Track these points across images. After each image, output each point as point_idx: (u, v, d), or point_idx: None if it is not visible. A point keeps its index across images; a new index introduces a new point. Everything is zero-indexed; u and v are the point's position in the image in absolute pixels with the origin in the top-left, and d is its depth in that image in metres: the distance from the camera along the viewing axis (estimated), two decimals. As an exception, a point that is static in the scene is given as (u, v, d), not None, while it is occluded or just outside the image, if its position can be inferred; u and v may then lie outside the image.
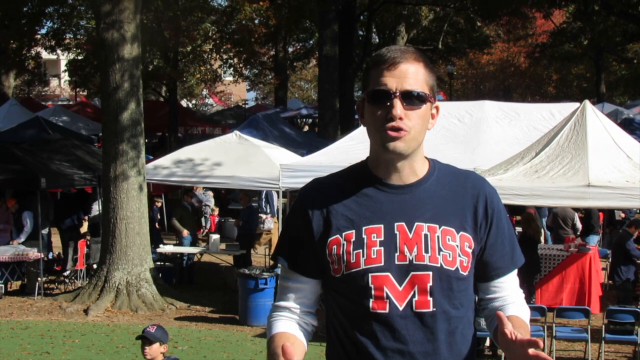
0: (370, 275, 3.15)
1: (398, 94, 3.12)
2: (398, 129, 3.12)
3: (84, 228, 21.84)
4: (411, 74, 3.16)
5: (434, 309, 3.16)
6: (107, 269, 17.90)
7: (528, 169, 14.34)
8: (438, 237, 3.18)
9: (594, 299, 16.74)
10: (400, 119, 3.11)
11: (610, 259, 18.65)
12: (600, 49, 48.45)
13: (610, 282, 18.52)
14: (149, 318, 16.91)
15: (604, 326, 13.89)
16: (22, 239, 19.36)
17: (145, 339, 8.49)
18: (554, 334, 13.82)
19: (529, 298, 16.26)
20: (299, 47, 58.60)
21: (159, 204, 25.12)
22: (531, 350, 2.90)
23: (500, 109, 19.84)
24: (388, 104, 3.13)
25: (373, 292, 3.15)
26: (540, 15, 49.17)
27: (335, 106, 31.85)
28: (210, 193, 26.83)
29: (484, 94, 57.30)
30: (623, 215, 23.11)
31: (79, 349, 14.54)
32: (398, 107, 3.11)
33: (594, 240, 20.54)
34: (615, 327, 13.97)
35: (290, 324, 3.29)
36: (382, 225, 3.19)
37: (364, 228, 3.19)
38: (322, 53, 32.64)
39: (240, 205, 24.13)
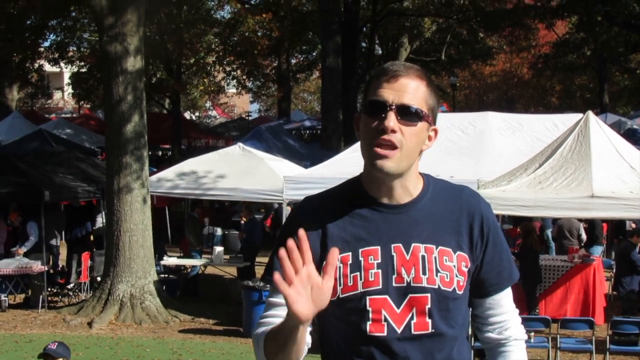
0: (368, 298, 3.11)
1: (394, 106, 3.05)
2: (388, 145, 3.05)
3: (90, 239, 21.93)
4: (411, 89, 3.08)
5: (433, 330, 3.12)
6: (111, 282, 17.90)
7: (532, 180, 14.34)
8: (435, 257, 3.13)
9: (598, 310, 16.75)
10: (393, 131, 3.04)
11: (614, 270, 18.64)
12: (603, 60, 48.42)
13: (614, 293, 18.52)
14: (153, 330, 16.95)
15: (608, 337, 13.93)
16: (27, 248, 19.34)
17: (48, 356, 8.51)
18: (558, 345, 13.85)
19: (532, 309, 16.27)
20: (302, 59, 58.65)
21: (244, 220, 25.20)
22: None
23: (503, 120, 19.86)
24: (383, 115, 3.05)
25: (370, 315, 3.11)
26: (543, 26, 49.23)
27: (339, 118, 31.90)
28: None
29: (487, 105, 57.25)
30: (634, 225, 23.03)
31: (83, 362, 14.56)
32: (391, 120, 3.04)
33: (597, 251, 20.56)
34: (620, 338, 14.00)
35: None
36: (378, 247, 3.13)
37: (360, 250, 3.13)
38: (325, 65, 32.72)
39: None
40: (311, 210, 3.27)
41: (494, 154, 18.15)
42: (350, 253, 3.13)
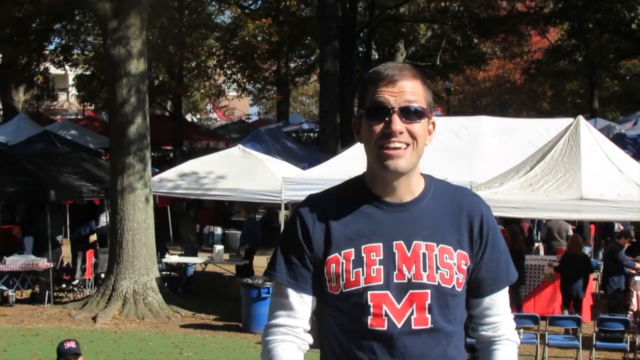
0: (369, 293, 3.14)
1: (397, 109, 3.09)
2: (397, 148, 3.11)
3: (93, 238, 22.21)
4: (409, 90, 3.12)
5: (432, 326, 3.17)
6: (114, 278, 18.15)
7: (523, 182, 14.61)
8: (436, 255, 3.17)
9: (585, 308, 16.99)
10: (401, 133, 3.09)
11: (602, 270, 18.99)
12: (593, 66, 48.68)
13: (601, 291, 18.89)
14: (155, 325, 17.24)
15: (594, 334, 14.23)
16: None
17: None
18: (546, 341, 14.18)
19: (520, 309, 16.47)
20: (300, 63, 58.50)
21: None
22: None
23: (496, 124, 20.10)
24: (387, 119, 3.09)
25: (372, 309, 3.14)
26: (535, 32, 49.40)
27: (336, 121, 32.06)
28: None
29: (481, 110, 57.38)
30: (622, 227, 23.36)
31: (87, 355, 14.50)
32: (397, 123, 3.08)
33: (585, 251, 20.87)
34: (606, 335, 14.31)
35: (291, 350, 3.25)
36: (381, 244, 3.17)
37: (363, 247, 3.17)
38: (323, 69, 32.93)
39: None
40: (314, 207, 3.30)
41: (487, 157, 18.37)
42: (353, 249, 3.18)
